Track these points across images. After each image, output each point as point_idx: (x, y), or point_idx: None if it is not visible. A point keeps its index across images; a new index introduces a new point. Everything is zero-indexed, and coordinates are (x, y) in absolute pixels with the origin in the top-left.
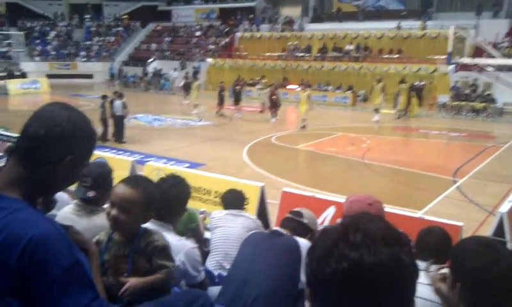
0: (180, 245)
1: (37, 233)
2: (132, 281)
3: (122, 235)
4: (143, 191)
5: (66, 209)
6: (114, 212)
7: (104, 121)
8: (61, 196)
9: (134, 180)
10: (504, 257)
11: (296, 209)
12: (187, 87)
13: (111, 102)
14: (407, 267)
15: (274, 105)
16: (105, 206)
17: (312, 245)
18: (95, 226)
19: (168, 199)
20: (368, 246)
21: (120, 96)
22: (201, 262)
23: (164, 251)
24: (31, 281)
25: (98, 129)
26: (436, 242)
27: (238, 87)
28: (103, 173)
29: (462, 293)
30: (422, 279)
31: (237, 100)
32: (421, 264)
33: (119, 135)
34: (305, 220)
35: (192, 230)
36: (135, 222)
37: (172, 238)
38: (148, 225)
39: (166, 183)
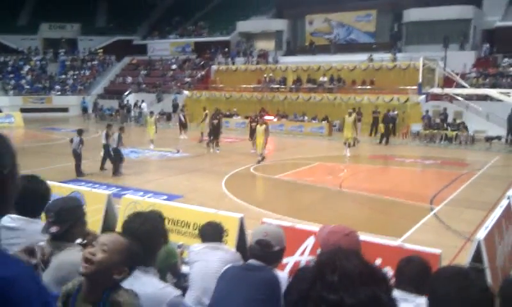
0: (163, 294)
1: (3, 277)
2: None
3: (90, 286)
4: (129, 242)
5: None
6: (91, 249)
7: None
8: (33, 226)
9: (109, 242)
10: (473, 285)
11: (262, 238)
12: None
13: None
14: (386, 305)
15: (216, 134)
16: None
17: (287, 287)
18: (65, 263)
19: (140, 238)
20: (347, 287)
21: (121, 129)
22: None
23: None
24: None
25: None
26: (416, 272)
27: (216, 121)
28: (67, 207)
29: None
30: None
31: (216, 134)
32: (401, 294)
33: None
34: (276, 248)
35: (171, 267)
36: (109, 269)
37: (155, 285)
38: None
39: (134, 223)
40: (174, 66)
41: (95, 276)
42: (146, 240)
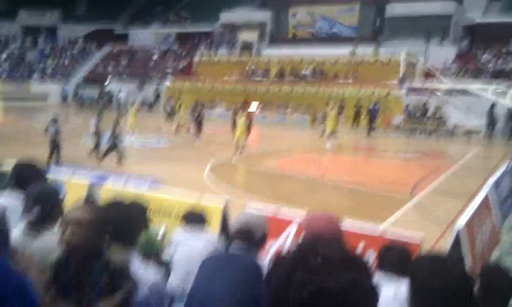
0: (145, 278)
1: None
2: (101, 304)
3: (78, 256)
4: (95, 214)
5: (16, 231)
6: (66, 236)
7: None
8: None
9: (77, 221)
10: (450, 273)
11: (243, 226)
12: (172, 113)
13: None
14: (367, 291)
15: (199, 127)
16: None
17: (267, 274)
18: (46, 247)
19: (117, 223)
20: (329, 272)
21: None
22: (165, 293)
23: (123, 271)
24: None
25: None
26: (397, 259)
27: (197, 114)
28: (44, 193)
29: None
30: (386, 291)
31: (199, 127)
32: (383, 277)
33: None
34: (257, 235)
35: (154, 255)
36: (89, 244)
37: (138, 268)
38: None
39: (110, 213)
40: (156, 56)
41: (77, 254)
42: (120, 227)
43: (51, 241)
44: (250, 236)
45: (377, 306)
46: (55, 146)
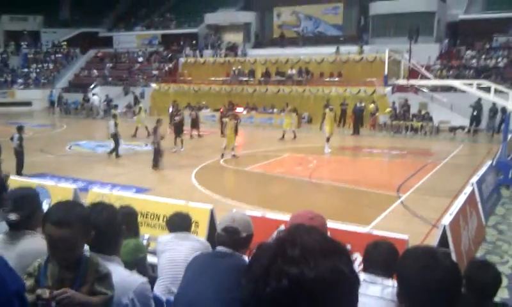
0: (129, 282)
1: None
2: (71, 291)
3: (62, 263)
4: (75, 222)
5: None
6: (53, 251)
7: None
8: None
9: (61, 217)
10: (440, 265)
11: (229, 225)
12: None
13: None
14: (347, 277)
15: (179, 131)
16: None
17: (248, 265)
18: (28, 252)
19: (98, 227)
20: (308, 261)
21: (158, 122)
22: (151, 296)
23: (106, 278)
24: None
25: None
26: (383, 256)
27: (178, 118)
28: (24, 195)
29: (404, 300)
30: (373, 291)
31: (178, 131)
32: (369, 277)
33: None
34: (243, 235)
35: (139, 261)
36: (75, 252)
37: (122, 273)
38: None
39: (91, 213)
40: (141, 59)
41: (63, 254)
42: (104, 230)
43: (32, 245)
44: (236, 235)
45: (357, 291)
46: (18, 155)
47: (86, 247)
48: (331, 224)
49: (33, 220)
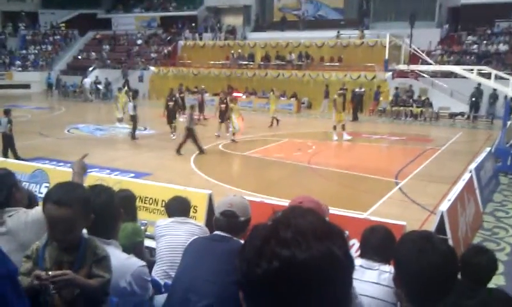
0: (127, 265)
1: None
2: (72, 274)
3: (61, 244)
4: (76, 203)
5: None
6: (52, 231)
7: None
8: None
9: (59, 197)
10: (436, 248)
11: (227, 209)
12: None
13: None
14: (340, 261)
15: (171, 117)
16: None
17: (242, 245)
18: (26, 223)
19: (95, 210)
20: (300, 243)
21: (192, 108)
22: (149, 279)
23: (104, 260)
24: None
25: None
26: (380, 240)
27: (171, 104)
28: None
29: (401, 285)
30: (369, 277)
31: (170, 118)
32: (366, 263)
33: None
34: (241, 219)
35: (136, 245)
36: (73, 231)
37: (119, 256)
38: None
39: (95, 195)
40: (140, 42)
41: (62, 235)
42: (101, 212)
43: (30, 217)
44: (234, 219)
45: (351, 275)
46: (7, 139)
47: (84, 230)
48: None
49: (14, 198)
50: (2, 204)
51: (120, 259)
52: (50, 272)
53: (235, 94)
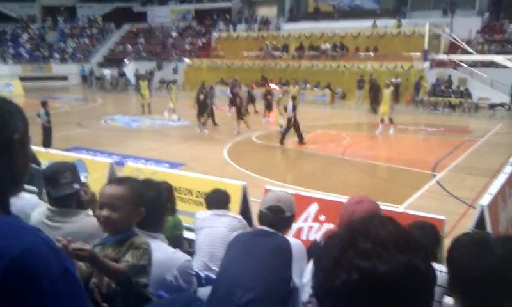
0: (174, 259)
1: (20, 249)
2: (90, 248)
3: (114, 235)
4: (130, 187)
5: (37, 215)
6: (104, 212)
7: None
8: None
9: (119, 179)
10: (491, 253)
11: (274, 204)
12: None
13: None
14: (422, 274)
15: (201, 110)
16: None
17: (319, 254)
18: (80, 229)
19: (145, 205)
20: (380, 254)
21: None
22: (194, 273)
23: (138, 249)
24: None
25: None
26: (428, 238)
27: (202, 96)
28: (71, 168)
29: (456, 292)
30: None
31: (201, 110)
32: None
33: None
34: (287, 214)
35: (176, 238)
36: (127, 220)
37: (166, 250)
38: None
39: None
40: (174, 34)
41: (117, 232)
42: (151, 207)
43: (83, 222)
44: (281, 214)
45: (433, 291)
46: (46, 131)
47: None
48: None
49: (79, 197)
50: (65, 202)
51: (166, 253)
52: (69, 241)
53: (271, 85)
